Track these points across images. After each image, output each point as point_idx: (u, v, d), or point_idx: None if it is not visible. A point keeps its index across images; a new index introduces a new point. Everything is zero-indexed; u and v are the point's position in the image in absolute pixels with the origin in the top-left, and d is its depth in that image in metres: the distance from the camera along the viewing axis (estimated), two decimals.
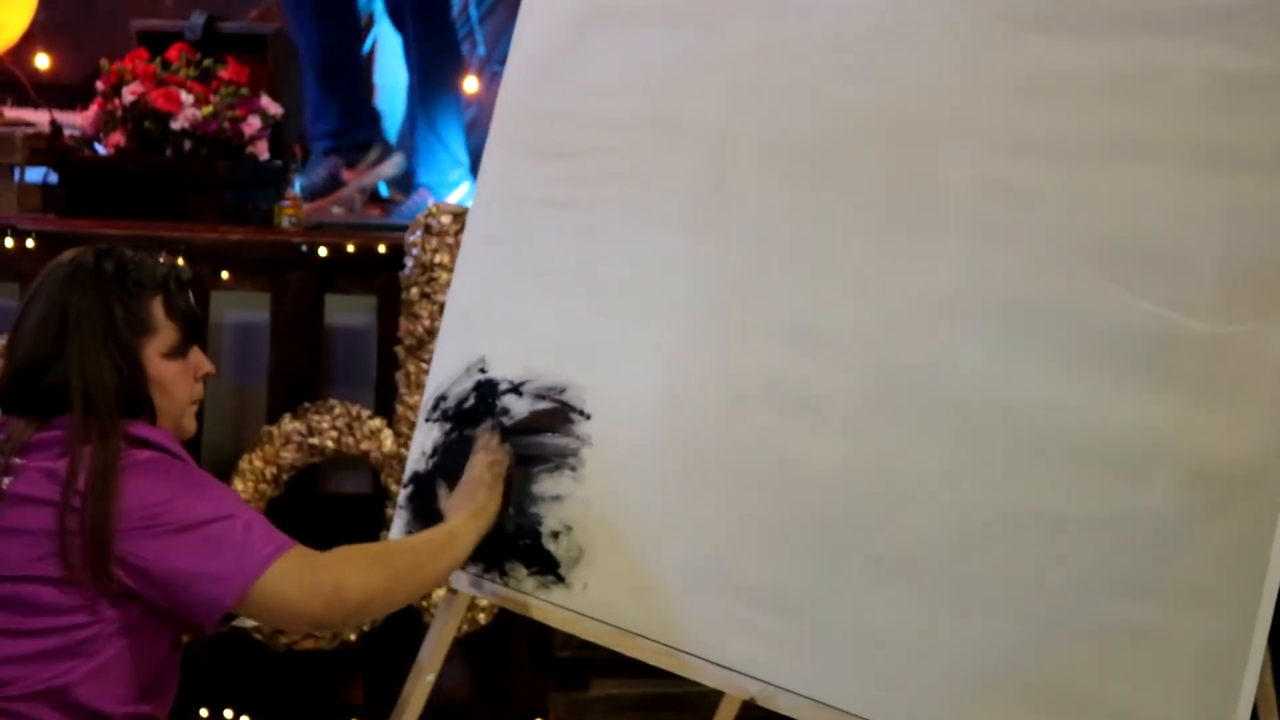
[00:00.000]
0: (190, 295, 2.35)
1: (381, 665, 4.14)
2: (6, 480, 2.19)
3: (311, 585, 2.21)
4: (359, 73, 5.40)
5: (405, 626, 4.08)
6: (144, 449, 2.22)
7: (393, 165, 5.23)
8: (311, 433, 4.04)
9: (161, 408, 2.29)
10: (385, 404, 4.11)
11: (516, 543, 2.43)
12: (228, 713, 4.13)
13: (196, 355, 2.36)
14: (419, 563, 2.37)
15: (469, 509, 2.44)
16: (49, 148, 4.47)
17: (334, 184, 5.11)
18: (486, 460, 2.48)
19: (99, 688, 2.18)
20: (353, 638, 4.03)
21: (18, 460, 2.20)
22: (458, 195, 5.18)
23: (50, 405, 2.23)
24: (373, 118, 5.32)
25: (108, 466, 2.16)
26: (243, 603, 2.18)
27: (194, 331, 2.34)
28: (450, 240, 3.98)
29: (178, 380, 2.32)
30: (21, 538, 2.17)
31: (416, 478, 2.57)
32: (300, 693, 4.19)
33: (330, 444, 4.04)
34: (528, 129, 2.56)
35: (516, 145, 2.57)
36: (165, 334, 2.29)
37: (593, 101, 2.47)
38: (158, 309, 2.29)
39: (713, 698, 4.04)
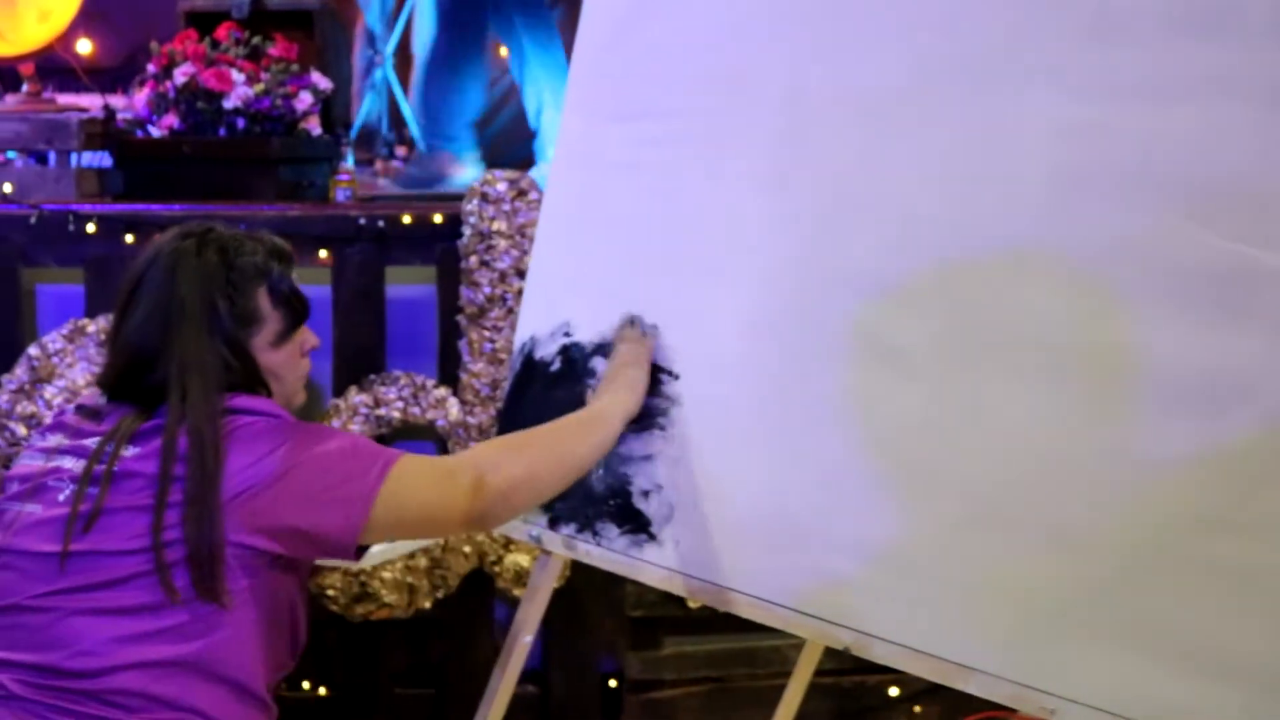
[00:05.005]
0: (293, 274, 2.31)
1: (457, 632, 4.19)
2: (117, 466, 2.15)
3: (447, 477, 2.16)
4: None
5: (478, 593, 4.12)
6: (244, 416, 2.18)
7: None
8: (378, 404, 4.07)
9: (273, 390, 2.28)
10: (449, 373, 4.14)
11: (607, 502, 2.44)
12: (305, 684, 4.18)
13: (303, 332, 2.32)
14: (562, 442, 2.29)
15: (614, 388, 2.39)
16: (104, 132, 4.50)
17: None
18: (630, 345, 2.43)
19: (232, 657, 2.18)
20: (427, 605, 4.07)
21: (127, 450, 2.16)
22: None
23: (156, 397, 2.20)
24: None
25: (208, 440, 2.12)
26: (376, 516, 2.12)
27: (300, 315, 2.30)
28: (506, 208, 4.01)
29: (285, 365, 2.29)
30: (129, 514, 2.13)
31: None
32: (379, 663, 4.23)
33: (397, 415, 4.07)
34: (601, 94, 2.57)
35: (591, 110, 2.58)
36: (271, 324, 2.26)
37: (664, 62, 2.47)
38: (263, 299, 2.25)
39: (786, 651, 4.08)
